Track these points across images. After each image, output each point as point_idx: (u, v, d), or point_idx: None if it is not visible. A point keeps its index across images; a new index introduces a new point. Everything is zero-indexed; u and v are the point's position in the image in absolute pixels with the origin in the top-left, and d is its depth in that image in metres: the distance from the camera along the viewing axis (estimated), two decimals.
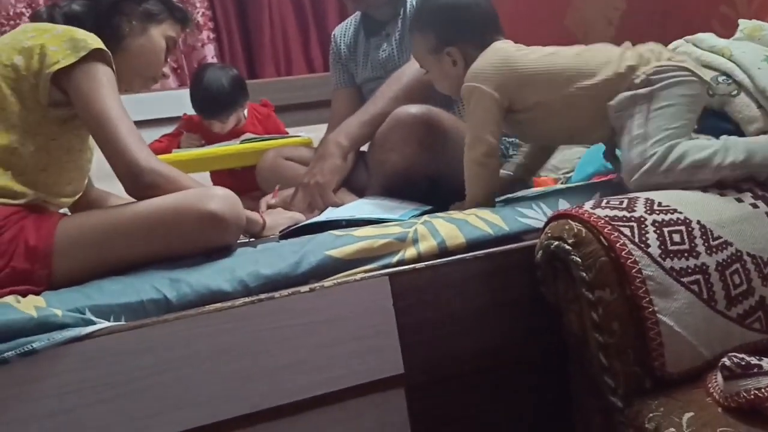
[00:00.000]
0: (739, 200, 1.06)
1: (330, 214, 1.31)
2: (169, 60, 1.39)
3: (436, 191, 1.55)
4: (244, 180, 2.19)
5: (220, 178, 2.30)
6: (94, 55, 1.07)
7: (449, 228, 1.11)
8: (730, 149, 1.11)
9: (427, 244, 1.07)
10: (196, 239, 1.02)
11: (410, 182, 1.52)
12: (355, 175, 1.83)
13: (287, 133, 2.48)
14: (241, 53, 3.18)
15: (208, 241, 1.03)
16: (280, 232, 1.23)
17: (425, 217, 1.16)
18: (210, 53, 3.08)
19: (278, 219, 1.28)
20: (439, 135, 1.48)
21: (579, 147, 2.04)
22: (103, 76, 1.06)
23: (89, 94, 1.04)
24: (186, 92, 2.88)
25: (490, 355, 1.10)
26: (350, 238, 1.05)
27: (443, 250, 1.08)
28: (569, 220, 1.02)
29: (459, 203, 1.30)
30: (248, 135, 2.24)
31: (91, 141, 1.17)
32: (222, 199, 1.02)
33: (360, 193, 1.68)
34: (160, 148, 2.31)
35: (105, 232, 0.99)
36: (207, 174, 2.34)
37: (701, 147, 1.11)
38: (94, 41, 1.08)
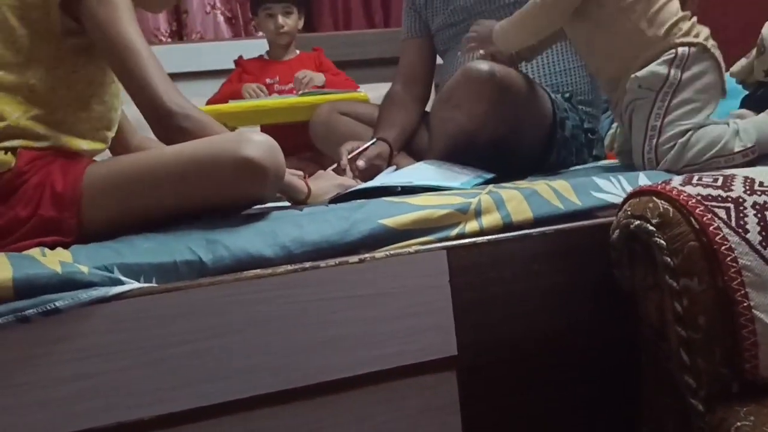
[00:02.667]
0: None
1: (385, 179, 1.21)
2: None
3: (500, 158, 1.43)
4: (296, 138, 2.11)
5: (272, 135, 2.22)
6: None
7: (517, 200, 1.00)
8: (740, 135, 1.12)
9: (491, 218, 0.97)
10: (231, 188, 0.92)
11: (473, 145, 1.40)
12: (415, 137, 1.72)
13: (340, 73, 2.39)
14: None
15: (245, 190, 0.94)
16: (328, 200, 1.14)
17: (490, 187, 1.06)
18: None
19: (326, 185, 1.18)
20: (510, 97, 1.35)
21: None
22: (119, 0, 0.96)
23: (106, 21, 0.95)
24: (242, 42, 2.85)
25: (551, 341, 1.00)
26: (407, 206, 0.95)
27: (508, 225, 0.97)
28: (654, 197, 0.90)
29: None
30: (305, 74, 2.13)
31: None
32: (260, 145, 0.92)
33: (419, 157, 1.58)
34: (221, 99, 2.24)
35: (134, 179, 0.92)
36: (257, 129, 2.28)
37: (712, 138, 1.12)
38: None
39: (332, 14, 3.16)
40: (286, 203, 1.14)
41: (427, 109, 1.75)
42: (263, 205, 1.05)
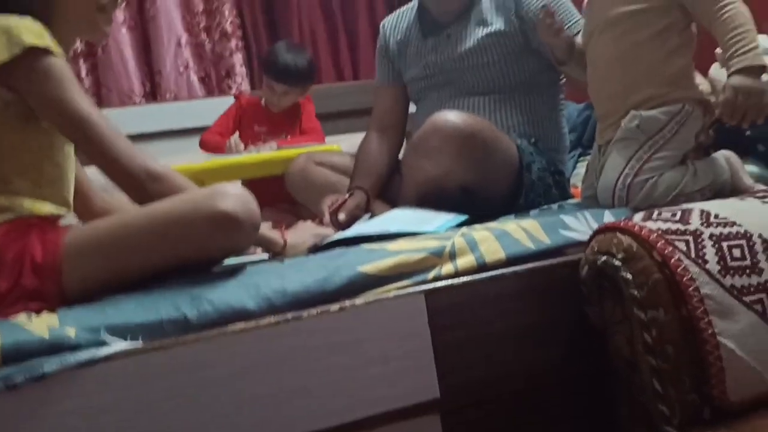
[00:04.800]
0: None
1: (360, 228, 1.25)
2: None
3: (470, 204, 1.48)
4: (273, 190, 2.14)
5: (250, 187, 2.25)
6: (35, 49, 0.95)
7: (489, 241, 1.04)
8: (698, 175, 1.17)
9: (465, 260, 1.00)
10: (208, 241, 0.94)
11: (443, 192, 1.45)
12: (387, 188, 1.77)
13: (314, 127, 2.45)
14: None
15: (222, 243, 0.96)
16: (307, 249, 1.17)
17: (463, 229, 1.10)
18: (238, 61, 3.05)
19: (303, 236, 1.21)
20: (476, 146, 1.41)
21: None
22: (57, 71, 0.96)
23: (57, 100, 0.96)
24: (215, 101, 2.90)
25: (531, 377, 1.03)
26: (384, 253, 0.98)
27: (482, 266, 1.01)
28: (618, 234, 0.95)
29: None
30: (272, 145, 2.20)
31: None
32: (234, 198, 0.94)
33: (394, 202, 1.63)
34: (216, 140, 2.31)
35: (113, 242, 0.93)
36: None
37: (675, 180, 1.16)
38: (29, 33, 0.95)
39: None
40: (265, 256, 1.16)
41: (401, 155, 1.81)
42: (243, 259, 1.08)
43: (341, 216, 1.54)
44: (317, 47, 3.24)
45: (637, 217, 0.98)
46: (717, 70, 1.41)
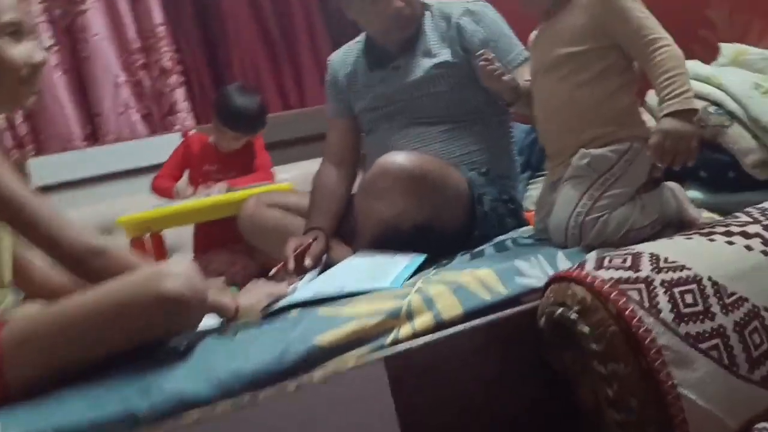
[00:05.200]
0: (749, 248, 0.99)
1: (314, 286, 1.23)
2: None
3: (425, 241, 1.48)
4: (226, 231, 2.10)
5: (203, 230, 2.20)
6: None
7: (445, 296, 1.03)
8: (646, 209, 1.18)
9: (422, 319, 0.99)
10: (155, 326, 0.92)
11: (397, 232, 1.45)
12: (343, 222, 1.75)
13: (265, 165, 2.40)
14: (212, 95, 3.09)
15: (169, 325, 0.93)
16: (261, 311, 1.14)
17: (419, 282, 1.09)
18: (180, 97, 2.99)
19: (256, 298, 1.18)
20: (426, 185, 1.41)
21: None
22: None
23: None
24: (159, 139, 2.84)
25: (502, 426, 1.02)
26: (339, 320, 0.96)
27: (440, 323, 1.00)
28: (572, 284, 0.95)
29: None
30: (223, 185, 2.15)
31: None
32: (179, 278, 0.91)
33: (350, 237, 1.61)
34: (167, 185, 2.24)
35: (55, 333, 0.89)
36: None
37: (625, 216, 1.17)
38: None
39: None
40: (216, 322, 1.13)
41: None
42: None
43: (308, 262, 1.51)
44: (260, 77, 3.21)
45: (590, 264, 0.98)
46: (653, 99, 1.44)
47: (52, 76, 2.73)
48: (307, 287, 1.24)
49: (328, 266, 1.51)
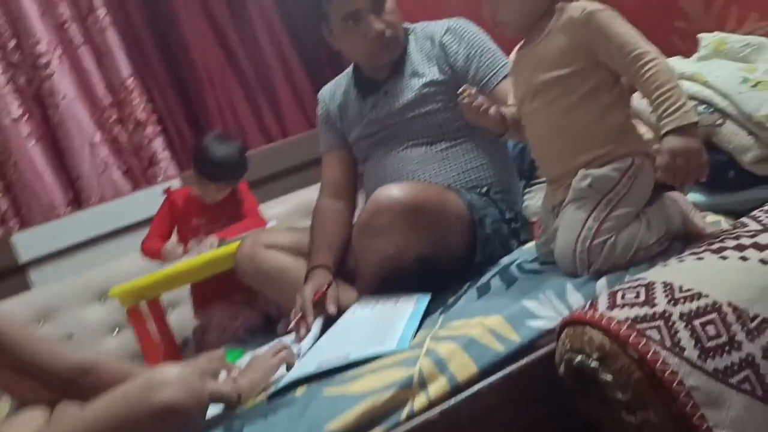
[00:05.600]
0: (764, 262, 0.95)
1: (318, 354, 1.18)
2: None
3: (428, 273, 1.44)
4: (224, 283, 2.05)
5: (199, 286, 2.15)
6: None
7: (457, 356, 0.98)
8: (652, 225, 1.13)
9: (436, 386, 0.95)
10: None
11: (399, 268, 1.42)
12: (344, 260, 1.70)
13: (256, 214, 2.35)
14: (191, 140, 3.04)
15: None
16: (267, 395, 1.09)
17: (427, 340, 1.04)
18: (159, 147, 2.93)
19: (258, 377, 1.12)
20: (424, 216, 1.37)
21: None
22: None
23: None
24: (142, 193, 2.78)
25: None
26: (348, 400, 0.92)
27: (455, 387, 0.95)
28: (587, 328, 0.90)
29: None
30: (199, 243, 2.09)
31: None
32: (174, 385, 0.87)
33: (349, 275, 1.57)
34: (157, 246, 2.18)
35: None
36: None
37: (632, 236, 1.12)
38: None
39: None
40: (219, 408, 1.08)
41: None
42: None
43: (332, 308, 1.45)
44: (238, 115, 3.16)
45: (602, 303, 0.94)
46: (639, 100, 1.39)
47: (26, 146, 2.68)
48: (311, 355, 1.19)
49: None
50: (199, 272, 1.94)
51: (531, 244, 1.48)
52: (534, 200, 2.00)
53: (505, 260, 1.46)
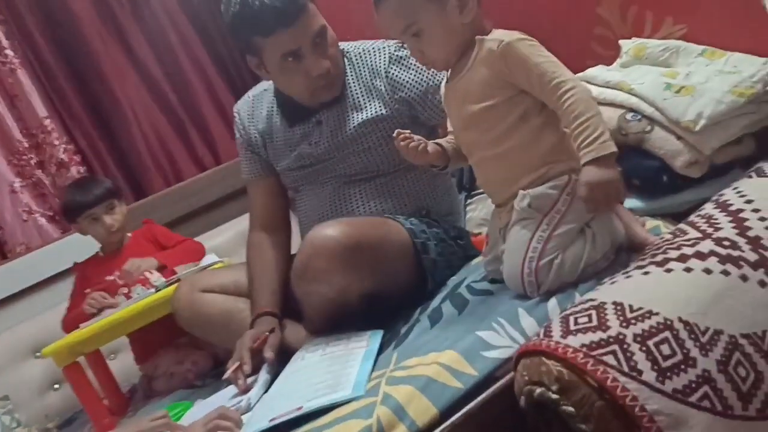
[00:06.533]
0: (708, 271, 0.96)
1: (269, 406, 1.13)
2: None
3: (377, 308, 1.40)
4: (165, 328, 1.95)
5: (139, 336, 2.04)
6: None
7: (415, 399, 0.95)
8: (597, 240, 1.13)
9: None
10: None
11: (345, 308, 1.37)
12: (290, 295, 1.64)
13: (183, 239, 2.26)
14: (121, 178, 2.93)
15: None
16: None
17: (383, 384, 1.00)
18: None
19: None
20: (365, 252, 1.32)
21: None
22: None
23: None
24: (72, 238, 2.65)
25: None
26: None
27: None
28: (544, 359, 0.89)
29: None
30: (132, 264, 1.99)
31: None
32: None
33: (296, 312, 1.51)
34: (76, 319, 2.01)
35: None
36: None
37: (579, 253, 1.12)
38: None
39: (160, 172, 3.04)
40: None
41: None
42: None
43: (269, 354, 1.38)
44: (166, 146, 3.06)
45: (556, 330, 0.92)
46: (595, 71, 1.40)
47: None
48: (261, 408, 1.14)
49: (282, 352, 1.41)
50: (137, 320, 1.85)
51: (478, 259, 1.47)
52: (476, 212, 2.00)
53: (453, 280, 1.44)
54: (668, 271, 0.98)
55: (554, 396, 0.86)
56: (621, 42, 1.53)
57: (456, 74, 1.18)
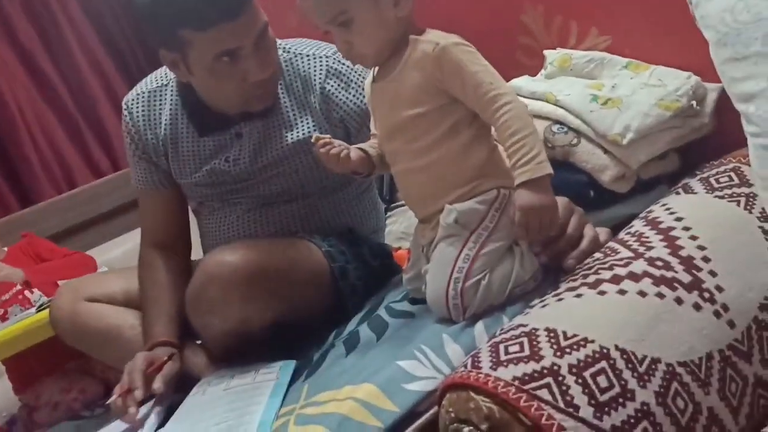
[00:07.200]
0: (642, 294, 0.90)
1: None
2: None
3: (287, 336, 1.28)
4: (50, 353, 1.75)
5: (17, 362, 1.82)
6: None
7: None
8: (525, 260, 1.06)
9: None
10: None
11: (248, 339, 1.23)
12: None
13: (70, 253, 2.05)
14: (7, 188, 2.67)
15: None
16: None
17: (291, 426, 0.89)
18: None
19: None
20: (270, 279, 1.19)
21: None
22: None
23: None
24: None
25: None
26: None
27: None
28: (472, 393, 0.80)
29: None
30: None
31: None
32: None
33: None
34: None
35: None
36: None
37: (506, 273, 1.05)
38: None
39: (50, 179, 2.79)
40: None
41: None
42: None
43: (158, 385, 1.20)
44: (62, 153, 2.82)
45: (485, 360, 0.83)
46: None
47: None
48: None
49: (180, 379, 1.27)
50: (14, 344, 1.64)
51: (398, 277, 1.37)
52: (396, 225, 1.91)
53: (371, 300, 1.34)
54: (601, 293, 0.91)
55: None
56: (546, 52, 1.49)
57: (385, 74, 1.07)
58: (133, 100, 1.43)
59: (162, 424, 1.15)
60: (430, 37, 1.05)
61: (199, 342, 1.36)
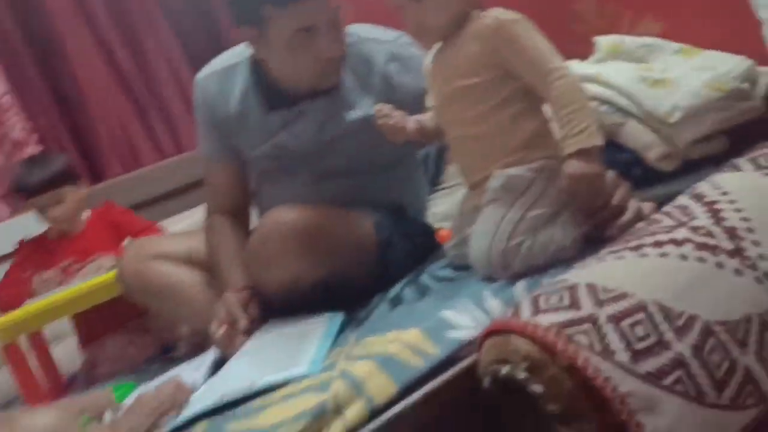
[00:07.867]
0: (683, 257, 0.92)
1: (220, 383, 1.06)
2: None
3: (333, 295, 1.34)
4: (115, 311, 1.86)
5: (85, 317, 1.93)
6: None
7: (374, 376, 0.90)
8: (567, 228, 1.09)
9: (353, 411, 0.86)
10: None
11: (299, 294, 1.30)
12: None
13: (147, 225, 2.15)
14: (78, 160, 2.82)
15: None
16: None
17: (341, 360, 0.95)
18: None
19: (137, 421, 0.96)
20: (322, 239, 1.26)
21: None
22: None
23: None
24: (23, 217, 2.53)
25: None
26: None
27: (374, 410, 0.87)
28: (512, 337, 0.84)
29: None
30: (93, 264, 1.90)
31: None
32: None
33: None
34: (12, 296, 1.91)
35: None
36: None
37: (549, 237, 1.08)
38: None
39: (118, 157, 2.94)
40: None
41: None
42: None
43: (243, 322, 1.28)
44: (128, 131, 2.97)
45: (525, 308, 0.88)
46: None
47: None
48: (210, 386, 1.07)
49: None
50: (86, 299, 1.75)
51: (440, 252, 1.42)
52: (440, 207, 1.96)
53: (414, 272, 1.39)
54: (643, 256, 0.94)
55: (522, 375, 0.81)
56: (596, 38, 1.51)
57: (445, 48, 1.14)
58: (206, 77, 1.51)
59: (215, 370, 1.22)
60: (490, 12, 1.10)
61: None
